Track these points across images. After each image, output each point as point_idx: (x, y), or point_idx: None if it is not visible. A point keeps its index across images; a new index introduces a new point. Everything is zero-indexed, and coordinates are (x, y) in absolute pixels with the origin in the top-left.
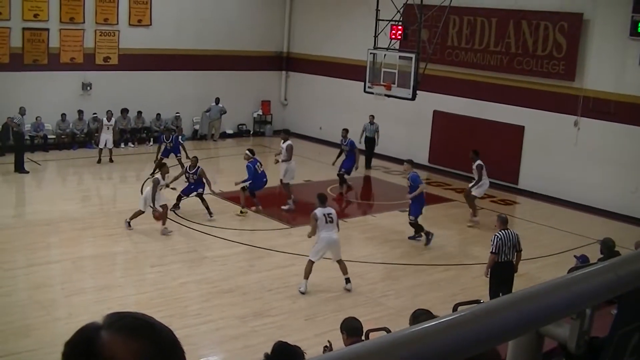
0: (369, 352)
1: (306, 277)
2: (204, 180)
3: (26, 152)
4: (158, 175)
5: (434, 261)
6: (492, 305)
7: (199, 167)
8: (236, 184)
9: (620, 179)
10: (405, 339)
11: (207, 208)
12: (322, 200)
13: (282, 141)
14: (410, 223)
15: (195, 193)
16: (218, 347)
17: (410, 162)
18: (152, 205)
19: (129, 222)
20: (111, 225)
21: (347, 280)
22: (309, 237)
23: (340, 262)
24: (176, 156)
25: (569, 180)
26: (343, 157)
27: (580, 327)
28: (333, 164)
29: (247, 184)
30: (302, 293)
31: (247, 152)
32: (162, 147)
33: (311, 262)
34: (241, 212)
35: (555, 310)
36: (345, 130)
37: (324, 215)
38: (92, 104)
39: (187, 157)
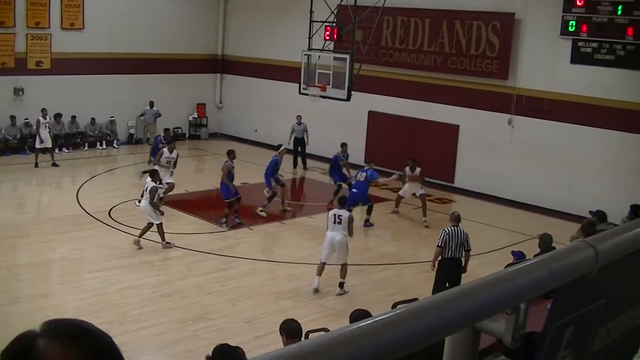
0: (304, 352)
1: (318, 274)
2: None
3: None
4: (155, 183)
5: (372, 261)
6: (428, 303)
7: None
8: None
9: (555, 176)
10: (341, 338)
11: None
12: (341, 202)
13: (170, 151)
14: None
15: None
16: (159, 353)
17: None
18: (157, 211)
19: (139, 240)
20: (47, 232)
21: (341, 285)
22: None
23: (343, 265)
24: (151, 160)
25: (505, 178)
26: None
27: (516, 321)
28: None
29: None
30: (316, 290)
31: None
32: (152, 147)
33: (321, 262)
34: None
35: (490, 305)
36: (345, 145)
37: (334, 215)
38: (24, 110)
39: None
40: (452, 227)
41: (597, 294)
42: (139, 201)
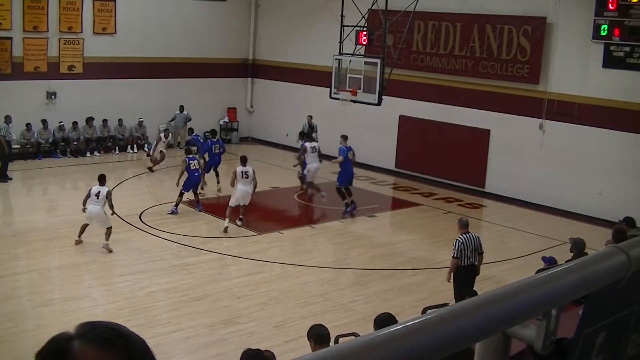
0: (334, 357)
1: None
2: None
3: None
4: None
5: (402, 266)
6: (459, 308)
7: None
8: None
9: (586, 181)
10: (372, 343)
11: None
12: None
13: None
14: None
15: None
16: (188, 356)
17: (343, 137)
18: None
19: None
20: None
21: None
22: None
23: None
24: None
25: (535, 183)
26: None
27: (547, 327)
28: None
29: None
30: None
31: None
32: (204, 152)
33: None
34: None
35: (521, 311)
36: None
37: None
38: (57, 113)
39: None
40: (464, 235)
41: (629, 300)
42: (84, 210)
